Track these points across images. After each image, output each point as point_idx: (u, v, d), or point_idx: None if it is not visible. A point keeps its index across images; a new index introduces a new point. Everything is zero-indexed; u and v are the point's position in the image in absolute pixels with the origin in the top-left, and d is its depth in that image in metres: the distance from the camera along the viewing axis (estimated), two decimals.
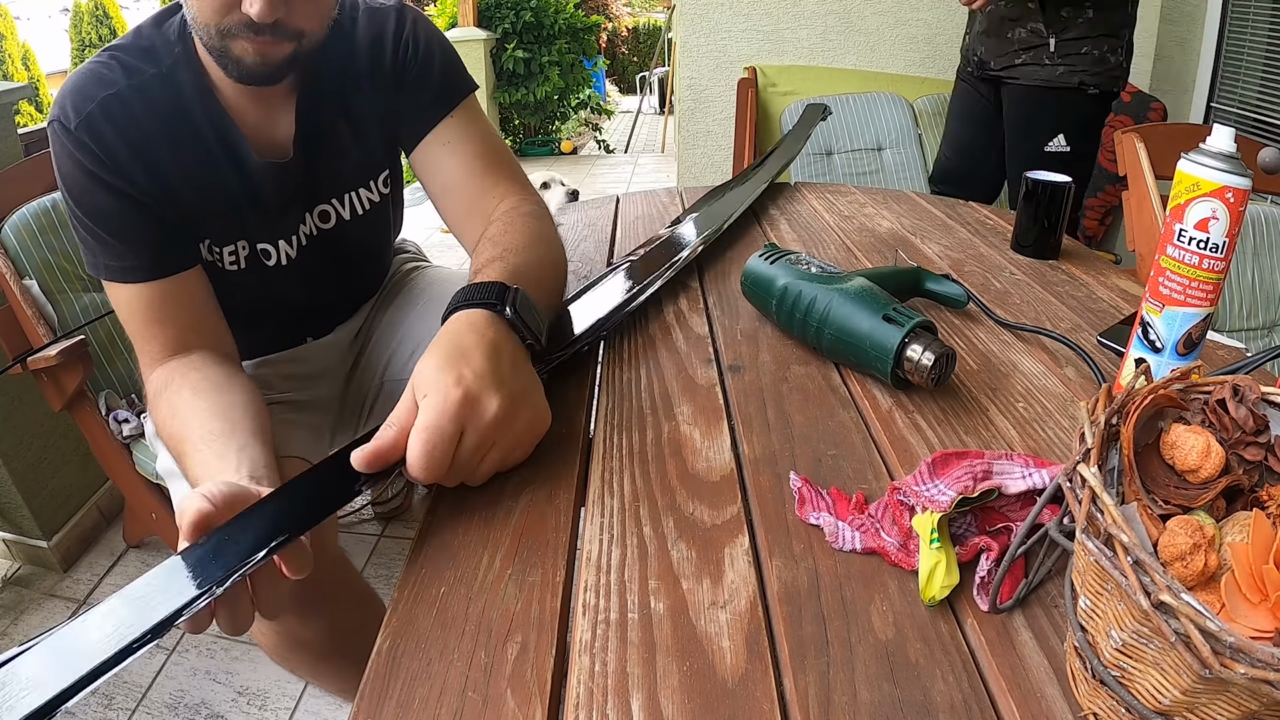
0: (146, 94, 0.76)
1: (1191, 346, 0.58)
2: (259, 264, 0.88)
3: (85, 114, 0.73)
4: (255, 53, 0.73)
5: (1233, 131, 0.53)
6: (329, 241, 0.92)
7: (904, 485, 0.49)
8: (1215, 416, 0.41)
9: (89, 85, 0.74)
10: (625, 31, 10.89)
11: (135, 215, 0.76)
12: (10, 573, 1.61)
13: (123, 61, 0.76)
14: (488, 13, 5.44)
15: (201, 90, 0.79)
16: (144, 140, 0.75)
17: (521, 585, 0.47)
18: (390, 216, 1.02)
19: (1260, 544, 0.33)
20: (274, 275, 0.89)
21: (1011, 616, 0.44)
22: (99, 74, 0.75)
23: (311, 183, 0.88)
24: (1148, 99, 2.14)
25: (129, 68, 0.76)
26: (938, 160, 2.08)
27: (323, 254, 0.92)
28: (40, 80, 5.75)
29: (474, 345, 0.58)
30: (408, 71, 0.88)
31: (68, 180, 0.75)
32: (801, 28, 2.74)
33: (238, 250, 0.86)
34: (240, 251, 0.86)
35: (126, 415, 1.28)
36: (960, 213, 1.18)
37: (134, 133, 0.75)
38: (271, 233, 0.87)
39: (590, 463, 0.59)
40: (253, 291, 0.87)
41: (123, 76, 0.75)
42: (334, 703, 1.29)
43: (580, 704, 0.40)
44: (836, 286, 0.70)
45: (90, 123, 0.73)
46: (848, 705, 0.39)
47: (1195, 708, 0.32)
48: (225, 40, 0.72)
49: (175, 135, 0.77)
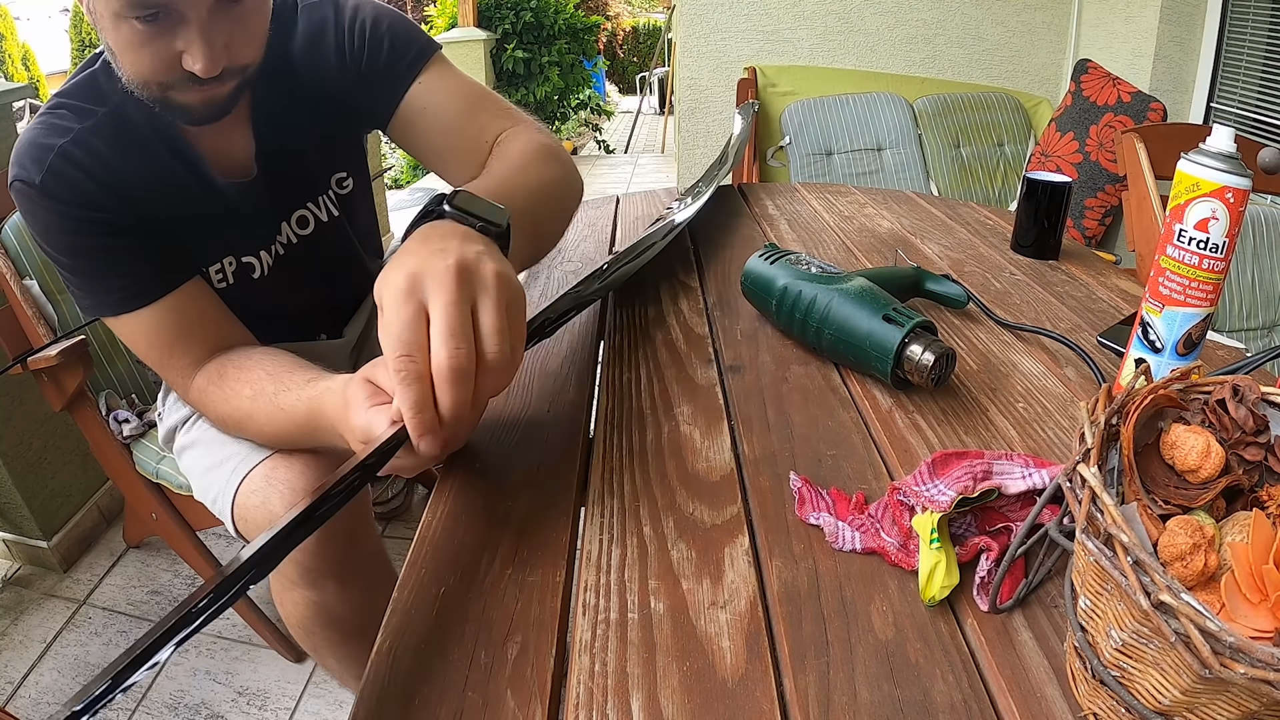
0: (102, 133, 0.75)
1: (1191, 346, 0.58)
2: (246, 277, 0.87)
3: (47, 165, 0.72)
4: (201, 100, 0.73)
5: (1233, 131, 0.53)
6: (312, 245, 0.92)
7: (904, 485, 0.49)
8: (1215, 416, 0.41)
9: (42, 138, 0.74)
10: (625, 31, 10.89)
11: (123, 242, 0.75)
12: (10, 573, 1.61)
13: (70, 107, 0.76)
14: (488, 13, 5.44)
15: (154, 120, 0.78)
16: (110, 175, 0.74)
17: (521, 585, 0.47)
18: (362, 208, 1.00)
19: (1260, 544, 0.33)
20: (260, 286, 0.89)
21: (1011, 616, 0.44)
22: (50, 125, 0.75)
23: (279, 195, 0.88)
24: (1147, 99, 2.14)
25: (78, 111, 0.76)
26: None
27: (308, 258, 0.92)
28: (40, 80, 5.75)
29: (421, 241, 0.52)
30: (359, 56, 0.84)
31: (47, 233, 0.74)
32: (801, 28, 2.74)
33: (224, 267, 0.85)
34: (227, 268, 0.86)
35: (126, 415, 1.28)
36: (960, 213, 1.18)
37: (99, 170, 0.74)
38: (251, 246, 0.87)
39: (590, 463, 0.59)
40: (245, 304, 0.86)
41: (75, 121, 0.75)
42: (334, 702, 1.29)
43: (580, 704, 0.40)
44: (836, 286, 0.70)
45: (54, 172, 0.72)
46: (848, 705, 0.39)
47: (1195, 708, 0.32)
48: (167, 92, 0.72)
49: (139, 166, 0.77)
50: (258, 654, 1.39)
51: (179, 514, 1.30)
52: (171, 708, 1.29)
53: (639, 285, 0.91)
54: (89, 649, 1.41)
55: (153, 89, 0.71)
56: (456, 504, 0.55)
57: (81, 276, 0.76)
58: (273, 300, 0.90)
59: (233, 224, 0.84)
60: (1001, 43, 2.73)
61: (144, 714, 1.28)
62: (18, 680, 1.35)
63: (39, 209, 0.73)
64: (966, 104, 2.48)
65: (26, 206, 0.73)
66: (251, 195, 0.84)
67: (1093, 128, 2.19)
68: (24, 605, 1.52)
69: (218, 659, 1.38)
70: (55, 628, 1.46)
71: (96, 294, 0.76)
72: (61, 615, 1.49)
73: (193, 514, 1.29)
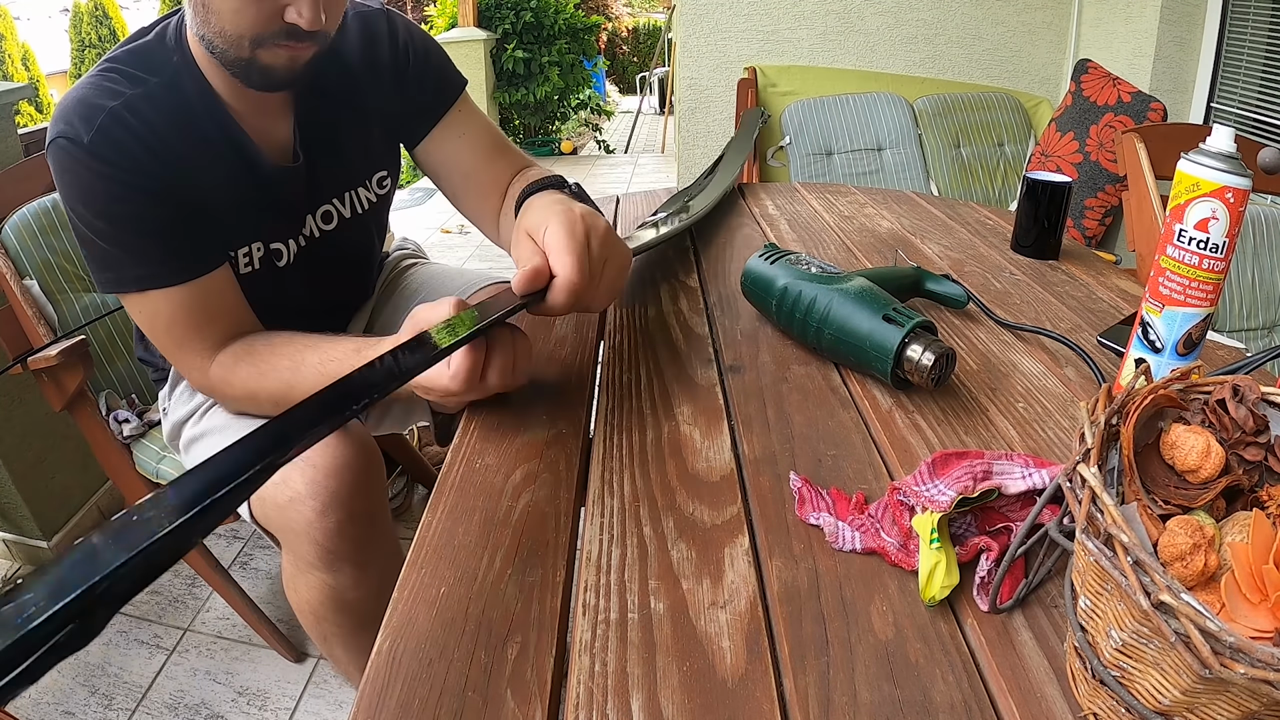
0: (154, 101, 0.74)
1: (1191, 346, 0.58)
2: (271, 265, 0.88)
3: (97, 124, 0.71)
4: (287, 58, 0.73)
5: (1233, 131, 0.53)
6: (332, 241, 0.93)
7: (904, 485, 0.49)
8: (1215, 416, 0.41)
9: (93, 98, 0.72)
10: (625, 31, 10.89)
11: (165, 215, 0.74)
12: (10, 573, 1.61)
13: (123, 73, 0.75)
14: (488, 13, 5.44)
15: (206, 97, 0.78)
16: (160, 143, 0.74)
17: (521, 585, 0.47)
18: (385, 217, 1.03)
19: (1260, 544, 0.33)
20: (283, 275, 0.89)
21: (1011, 616, 0.44)
22: (101, 86, 0.74)
23: (315, 184, 0.88)
24: (1148, 99, 2.14)
25: (131, 78, 0.75)
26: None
27: (326, 253, 0.93)
28: (40, 80, 5.75)
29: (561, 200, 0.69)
30: (407, 71, 0.90)
31: (86, 193, 0.72)
32: (801, 28, 2.74)
33: (252, 252, 0.85)
34: (255, 253, 0.86)
35: (127, 415, 1.28)
36: (960, 213, 1.18)
37: (150, 137, 0.73)
38: (281, 233, 0.88)
39: (590, 463, 0.59)
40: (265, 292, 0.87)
41: (127, 86, 0.74)
42: (334, 702, 1.29)
43: (580, 704, 0.40)
44: (836, 286, 0.70)
45: (104, 132, 0.71)
46: (848, 705, 0.39)
47: (1195, 708, 0.32)
48: (257, 49, 0.71)
49: (188, 139, 0.76)
50: (258, 654, 1.39)
51: None
52: (171, 708, 1.29)
53: (639, 285, 0.91)
54: (89, 649, 1.41)
55: (244, 45, 0.71)
56: (456, 504, 0.55)
57: (111, 246, 0.74)
58: (289, 291, 0.91)
59: (267, 209, 0.85)
60: (1001, 43, 2.73)
61: (144, 714, 1.28)
62: None
63: (82, 169, 0.71)
64: (966, 104, 2.48)
65: (67, 164, 0.71)
66: (291, 181, 0.85)
67: (1093, 128, 2.19)
68: None
69: (218, 659, 1.38)
70: None
71: (123, 267, 0.74)
72: None
73: None
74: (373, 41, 0.88)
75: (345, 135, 0.89)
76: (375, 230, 1.02)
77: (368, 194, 0.94)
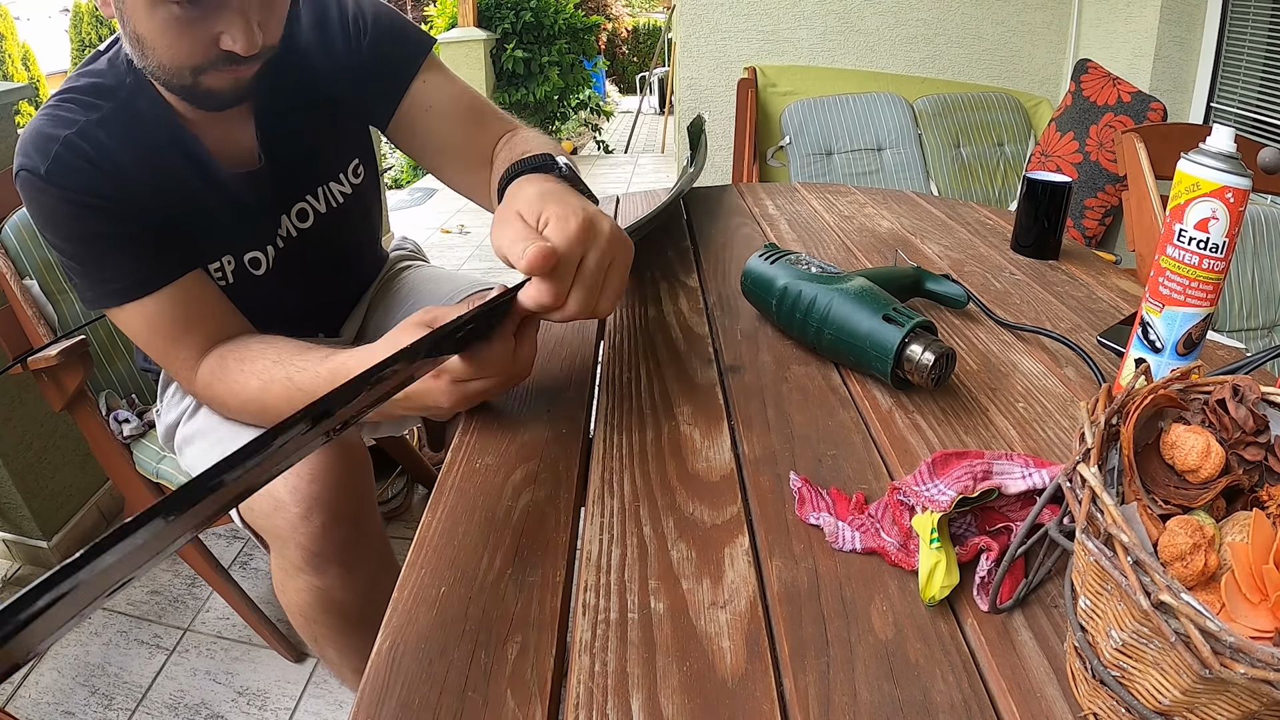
0: (107, 126, 0.76)
1: (1191, 346, 0.58)
2: (246, 275, 0.88)
3: (53, 155, 0.72)
4: (231, 81, 0.74)
5: (1233, 131, 0.53)
6: (311, 239, 0.92)
7: (904, 485, 0.49)
8: (1215, 416, 0.41)
9: (48, 129, 0.74)
10: (625, 31, 10.89)
11: (126, 230, 0.75)
12: (10, 573, 1.61)
13: (77, 101, 0.76)
14: (488, 13, 5.44)
15: (162, 114, 0.79)
16: (115, 168, 0.75)
17: (521, 585, 0.47)
18: (370, 201, 1.01)
19: (1260, 544, 0.33)
20: (262, 283, 0.89)
21: (1011, 616, 0.44)
22: (56, 117, 0.75)
23: (283, 185, 0.88)
24: (1147, 99, 2.14)
25: (85, 105, 0.76)
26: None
27: (307, 253, 0.92)
28: (40, 80, 5.75)
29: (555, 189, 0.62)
30: (361, 49, 0.86)
31: (51, 221, 0.75)
32: (801, 28, 2.74)
33: (223, 266, 0.86)
34: (226, 266, 0.86)
35: (127, 415, 1.28)
36: (960, 213, 1.18)
37: (105, 162, 0.74)
38: (256, 240, 0.87)
39: (590, 463, 0.59)
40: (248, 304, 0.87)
41: (81, 114, 0.75)
42: (334, 702, 1.29)
43: (580, 704, 0.40)
44: (836, 286, 0.70)
45: (58, 161, 0.72)
46: (848, 705, 0.39)
47: (1195, 708, 0.32)
48: (199, 77, 0.72)
49: (144, 160, 0.77)
50: (258, 654, 1.39)
51: None
52: (171, 708, 1.29)
53: (639, 285, 0.91)
54: (89, 649, 1.41)
55: (185, 75, 0.72)
56: (456, 504, 0.55)
57: (84, 265, 0.76)
58: (271, 298, 0.91)
59: (235, 219, 0.85)
60: (1001, 43, 2.73)
61: (144, 714, 1.28)
62: (18, 680, 1.35)
63: (43, 196, 0.73)
64: (966, 104, 2.48)
65: (31, 195, 0.74)
66: (256, 185, 0.85)
67: (1093, 128, 2.19)
68: None
69: (217, 659, 1.38)
70: None
71: (99, 284, 0.76)
72: None
73: None
74: (323, 25, 0.85)
75: (308, 130, 0.88)
76: (361, 219, 1.01)
77: (341, 187, 0.93)
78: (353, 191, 0.95)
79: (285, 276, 0.91)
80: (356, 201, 0.96)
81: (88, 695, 1.32)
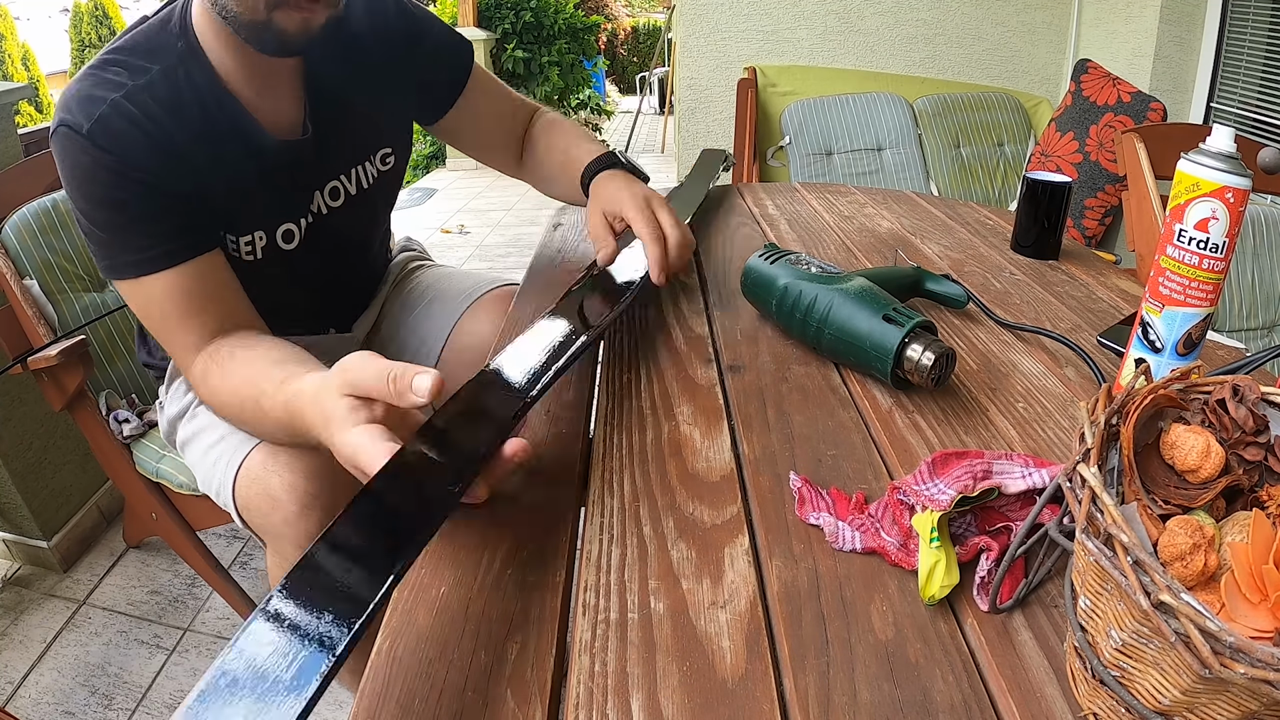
0: (154, 91, 0.75)
1: (1191, 346, 0.58)
2: (275, 251, 0.87)
3: (97, 116, 0.71)
4: (300, 21, 0.73)
5: (1233, 131, 0.53)
6: (339, 220, 0.92)
7: (904, 485, 0.49)
8: (1215, 416, 0.41)
9: (95, 89, 0.73)
10: (625, 31, 10.89)
11: (160, 202, 0.74)
12: (10, 573, 1.61)
13: (124, 63, 0.76)
14: (488, 13, 5.44)
15: (209, 81, 0.78)
16: (160, 135, 0.74)
17: (521, 585, 0.47)
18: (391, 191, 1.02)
19: (1260, 544, 0.33)
20: (289, 260, 0.89)
21: (1011, 616, 0.44)
22: (102, 78, 0.74)
23: (324, 159, 0.88)
24: (1147, 99, 2.14)
25: (132, 68, 0.75)
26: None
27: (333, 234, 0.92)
28: (40, 80, 5.75)
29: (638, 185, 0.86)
30: (419, 46, 0.92)
31: (84, 181, 0.73)
32: (801, 28, 2.74)
33: (254, 240, 0.85)
34: (257, 241, 0.85)
35: (127, 415, 1.28)
36: (960, 213, 1.18)
37: (149, 128, 0.73)
38: (290, 212, 0.87)
39: (590, 463, 0.59)
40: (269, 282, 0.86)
41: (128, 78, 0.74)
42: (334, 702, 1.29)
43: (580, 704, 0.40)
44: (836, 286, 0.70)
45: (104, 124, 0.72)
46: (848, 705, 0.39)
47: (1195, 708, 0.32)
48: (273, 11, 0.72)
49: (188, 128, 0.77)
50: None
51: (179, 514, 1.30)
52: (171, 708, 1.29)
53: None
54: (89, 649, 1.41)
55: (260, 9, 0.71)
56: None
57: (109, 233, 0.75)
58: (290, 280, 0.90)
59: (274, 190, 0.84)
60: (1001, 43, 2.73)
61: (144, 714, 1.28)
62: (18, 680, 1.35)
63: (82, 155, 0.72)
64: (966, 104, 2.48)
65: (68, 150, 0.72)
66: (299, 155, 0.85)
67: (1093, 128, 2.19)
68: (24, 605, 1.52)
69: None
70: (55, 628, 1.46)
71: (120, 253, 0.75)
72: (61, 615, 1.49)
73: (193, 514, 1.29)
74: (380, 13, 0.89)
75: (354, 106, 0.88)
76: (383, 207, 1.03)
77: (372, 169, 0.94)
78: (379, 178, 0.96)
79: (307, 256, 0.90)
80: (380, 189, 0.97)
81: (88, 695, 1.32)
